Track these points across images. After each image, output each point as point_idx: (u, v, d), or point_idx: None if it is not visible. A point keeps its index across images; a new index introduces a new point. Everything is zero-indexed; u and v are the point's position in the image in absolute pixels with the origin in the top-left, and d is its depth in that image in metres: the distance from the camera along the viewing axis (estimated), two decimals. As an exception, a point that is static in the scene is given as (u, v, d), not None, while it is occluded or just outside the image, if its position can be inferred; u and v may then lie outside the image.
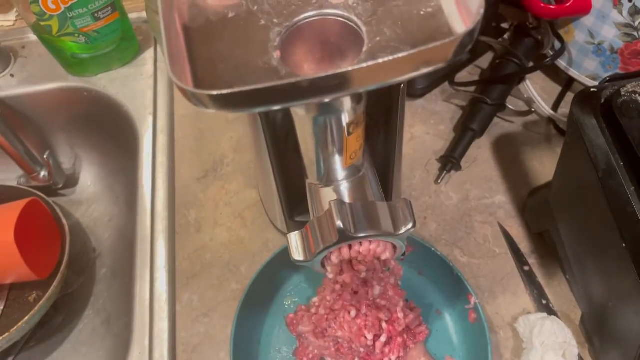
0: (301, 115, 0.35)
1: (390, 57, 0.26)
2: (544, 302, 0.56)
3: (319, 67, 0.31)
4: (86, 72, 0.74)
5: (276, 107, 0.27)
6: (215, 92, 0.25)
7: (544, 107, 0.66)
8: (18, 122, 0.74)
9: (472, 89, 0.69)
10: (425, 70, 0.27)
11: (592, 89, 0.47)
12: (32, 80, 0.74)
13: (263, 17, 0.32)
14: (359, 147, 0.40)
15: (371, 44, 0.30)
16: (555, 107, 0.68)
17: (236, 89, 0.25)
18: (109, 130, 0.77)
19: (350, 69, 0.25)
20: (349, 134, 0.37)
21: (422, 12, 0.30)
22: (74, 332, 0.72)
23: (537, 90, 0.67)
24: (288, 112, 0.38)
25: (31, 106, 0.75)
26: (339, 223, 0.38)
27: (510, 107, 0.67)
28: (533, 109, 0.68)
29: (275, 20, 0.31)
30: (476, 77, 0.72)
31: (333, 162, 0.40)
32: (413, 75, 0.28)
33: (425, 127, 0.69)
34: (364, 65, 0.26)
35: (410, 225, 0.40)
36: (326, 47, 0.32)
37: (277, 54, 0.30)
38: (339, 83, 0.26)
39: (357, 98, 0.34)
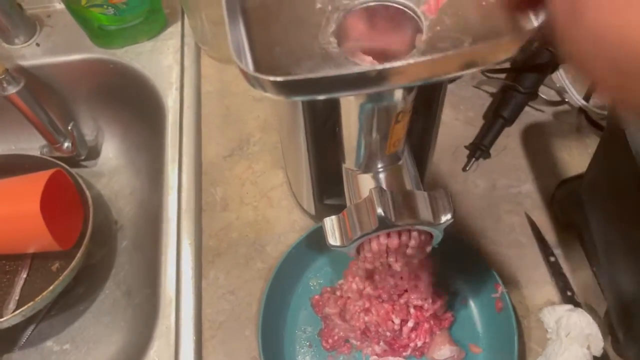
0: (350, 101, 0.35)
1: (458, 50, 0.25)
2: (569, 293, 0.56)
3: (376, 55, 0.30)
4: (112, 44, 0.73)
5: (336, 95, 0.27)
6: (279, 79, 0.25)
7: (576, 97, 0.66)
8: (42, 92, 0.74)
9: (504, 76, 0.68)
10: (488, 65, 0.27)
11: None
12: (58, 50, 0.74)
13: (319, 1, 0.31)
14: (402, 135, 0.39)
15: (431, 32, 0.29)
16: (587, 97, 0.67)
17: (301, 76, 0.25)
18: (133, 104, 0.77)
19: (418, 60, 0.25)
20: (396, 122, 0.36)
21: (483, 2, 0.30)
22: (95, 303, 0.73)
23: (569, 80, 0.66)
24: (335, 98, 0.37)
25: (56, 76, 0.75)
26: (380, 211, 0.38)
27: (542, 96, 0.67)
28: (565, 99, 0.67)
29: (331, 5, 0.31)
30: (508, 65, 0.71)
31: (375, 149, 0.40)
32: (474, 70, 0.27)
33: (455, 112, 0.68)
34: (431, 57, 0.25)
35: (449, 215, 0.40)
36: (382, 34, 0.31)
37: (333, 40, 0.29)
38: (404, 74, 0.26)
39: (409, 88, 0.33)
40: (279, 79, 0.25)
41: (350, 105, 0.36)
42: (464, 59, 0.26)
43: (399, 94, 0.33)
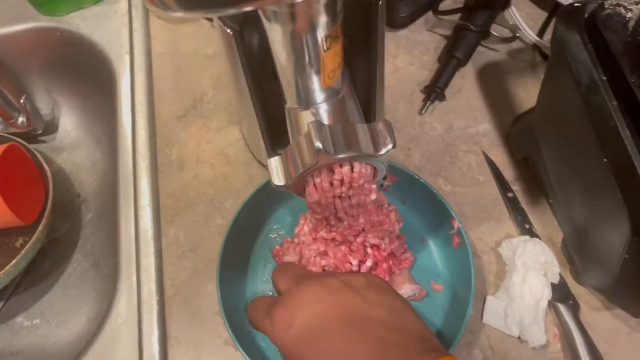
0: (276, 30, 0.34)
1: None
2: (527, 226, 0.57)
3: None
4: (57, 11, 0.71)
5: (238, 8, 0.26)
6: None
7: (530, 34, 0.65)
8: (-9, 67, 0.72)
9: (457, 17, 0.67)
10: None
11: (576, 4, 0.46)
12: (2, 22, 0.71)
13: None
14: (337, 65, 0.38)
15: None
16: (541, 33, 0.67)
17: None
18: (86, 73, 0.75)
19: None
20: (326, 49, 0.35)
21: None
22: (64, 276, 0.72)
23: (522, 17, 0.66)
24: (264, 34, 0.37)
25: (3, 49, 0.73)
26: (318, 144, 0.37)
27: (495, 34, 0.66)
28: (518, 36, 0.67)
29: None
30: (461, 5, 0.70)
31: (311, 83, 0.39)
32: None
33: (409, 57, 0.67)
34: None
35: (390, 146, 0.39)
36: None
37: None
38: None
39: (332, 7, 0.33)
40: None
41: (277, 36, 0.35)
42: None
43: (320, 16, 0.33)
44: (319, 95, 0.41)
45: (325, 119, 0.41)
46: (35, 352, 0.67)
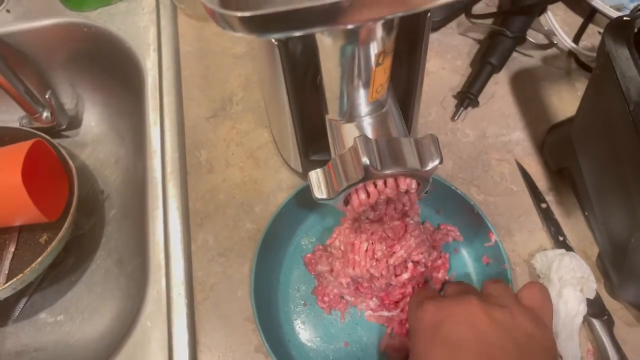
0: (328, 44, 0.33)
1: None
2: (561, 238, 0.56)
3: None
4: (84, 7, 0.70)
5: (307, 31, 0.25)
6: (247, 14, 0.23)
7: (566, 40, 0.64)
8: (17, 61, 0.71)
9: (490, 21, 0.66)
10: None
11: (624, 18, 0.45)
12: (29, 16, 0.71)
13: None
14: (385, 79, 0.38)
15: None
16: (576, 39, 0.65)
17: (268, 10, 0.23)
18: (112, 69, 0.75)
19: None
20: (378, 65, 0.35)
21: None
22: (87, 273, 0.72)
23: (557, 22, 0.64)
24: (311, 43, 0.36)
25: (29, 43, 0.72)
26: (365, 159, 0.36)
27: (530, 39, 0.65)
28: (554, 42, 0.65)
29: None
30: (494, 9, 0.69)
31: (357, 97, 0.38)
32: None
33: (441, 61, 0.66)
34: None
35: (437, 162, 0.39)
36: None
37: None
38: (378, 3, 0.24)
39: (389, 25, 0.32)
40: (246, 14, 0.24)
41: (329, 50, 0.34)
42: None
43: (376, 33, 0.32)
44: (364, 109, 0.40)
45: (369, 132, 0.40)
46: (59, 349, 0.67)
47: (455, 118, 0.62)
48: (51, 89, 0.74)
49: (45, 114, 0.73)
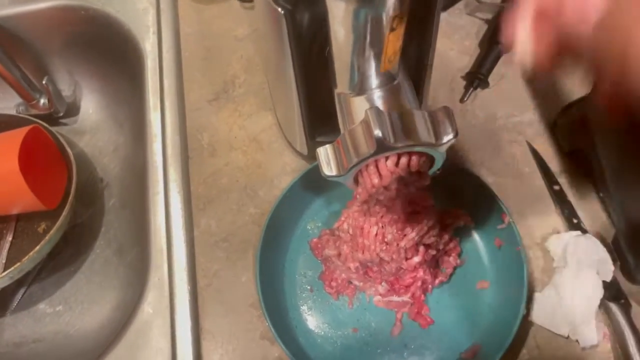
0: (340, 7, 0.31)
1: None
2: (575, 221, 0.54)
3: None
4: (82, -11, 0.68)
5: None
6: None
7: (577, 18, 0.62)
8: (13, 46, 0.69)
9: (498, 0, 0.64)
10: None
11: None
12: (25, -1, 0.69)
13: None
14: (398, 48, 0.36)
15: None
16: (588, 17, 0.63)
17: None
18: (110, 54, 0.73)
19: None
20: (392, 30, 0.33)
21: None
22: (86, 263, 0.70)
23: None
24: (320, 10, 0.34)
25: (25, 27, 0.70)
26: (377, 132, 0.35)
27: None
28: (565, 20, 0.64)
29: None
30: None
31: (369, 67, 0.37)
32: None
33: (450, 42, 0.65)
34: None
35: (451, 135, 0.37)
36: None
37: None
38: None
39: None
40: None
41: (340, 14, 0.33)
42: None
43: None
44: (375, 80, 0.38)
45: (381, 105, 0.39)
46: (59, 339, 0.66)
47: (465, 99, 0.61)
48: (48, 75, 0.73)
49: (42, 101, 0.72)
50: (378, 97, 0.39)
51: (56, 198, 0.63)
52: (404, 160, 0.37)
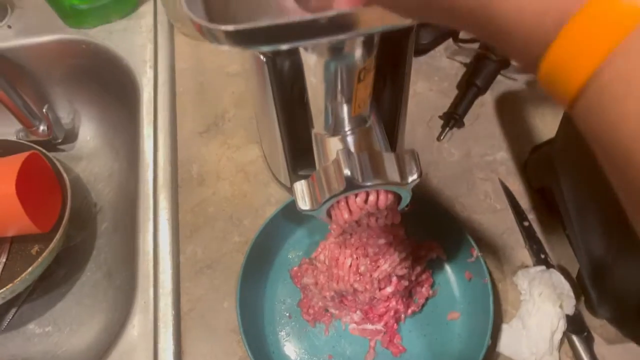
0: (312, 60, 0.35)
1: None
2: (542, 256, 0.57)
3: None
4: (84, 24, 0.72)
5: (289, 44, 0.27)
6: (231, 28, 0.25)
7: (549, 65, 0.66)
8: (16, 75, 0.73)
9: (476, 45, 0.68)
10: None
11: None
12: (30, 32, 0.73)
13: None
14: (367, 95, 0.39)
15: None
16: (559, 64, 0.67)
17: (252, 25, 0.25)
18: (108, 85, 0.76)
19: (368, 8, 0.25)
20: (360, 80, 0.36)
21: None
22: (77, 285, 0.73)
23: (541, 48, 0.66)
24: (297, 60, 0.38)
25: (29, 58, 0.74)
26: (347, 171, 0.38)
27: (514, 63, 0.67)
28: (537, 66, 0.67)
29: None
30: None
31: (341, 111, 0.40)
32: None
33: (429, 83, 0.68)
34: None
35: (416, 175, 0.40)
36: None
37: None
38: (356, 20, 0.26)
39: (370, 43, 0.34)
40: (230, 28, 0.25)
41: (313, 66, 0.36)
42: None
43: (358, 50, 0.34)
44: (347, 123, 0.42)
45: (352, 146, 0.42)
46: (47, 359, 0.68)
47: (442, 138, 0.64)
48: (48, 104, 0.76)
49: (42, 128, 0.75)
50: (351, 138, 0.42)
51: (50, 222, 0.66)
52: (372, 197, 0.40)
